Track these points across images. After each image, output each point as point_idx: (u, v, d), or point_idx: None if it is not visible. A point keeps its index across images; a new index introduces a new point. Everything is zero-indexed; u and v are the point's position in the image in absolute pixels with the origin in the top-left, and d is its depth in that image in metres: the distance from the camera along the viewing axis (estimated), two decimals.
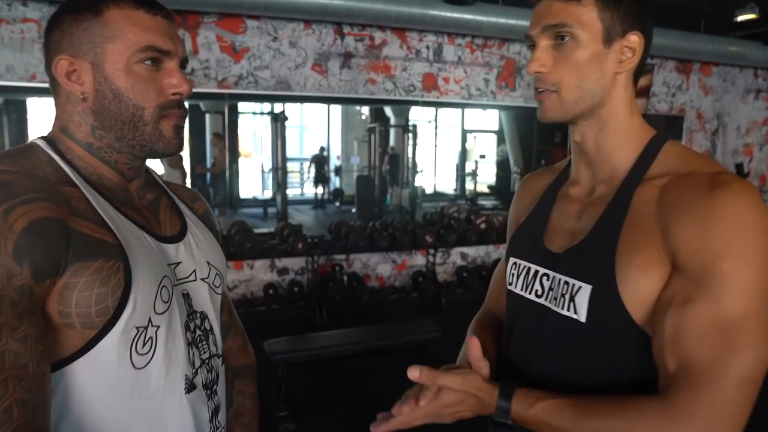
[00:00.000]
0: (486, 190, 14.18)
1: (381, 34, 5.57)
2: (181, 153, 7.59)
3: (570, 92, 0.86)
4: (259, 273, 5.36)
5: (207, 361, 0.91)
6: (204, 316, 0.93)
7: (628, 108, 0.89)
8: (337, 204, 12.69)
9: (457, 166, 14.53)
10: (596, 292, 0.83)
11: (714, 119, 7.60)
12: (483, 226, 6.19)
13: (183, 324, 0.86)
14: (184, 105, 0.87)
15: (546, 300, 0.92)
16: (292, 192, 12.56)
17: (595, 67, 0.85)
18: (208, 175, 10.33)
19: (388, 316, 5.12)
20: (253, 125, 14.36)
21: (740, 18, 5.96)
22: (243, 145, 13.61)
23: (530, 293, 0.95)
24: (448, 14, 5.37)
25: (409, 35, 5.69)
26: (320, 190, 12.72)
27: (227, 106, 7.20)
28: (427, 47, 5.79)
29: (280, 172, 9.20)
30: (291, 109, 11.76)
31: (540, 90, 0.88)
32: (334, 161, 13.70)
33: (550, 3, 0.86)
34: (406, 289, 5.89)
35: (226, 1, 4.60)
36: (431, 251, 5.99)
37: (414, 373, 0.80)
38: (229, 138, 8.81)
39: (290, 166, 11.79)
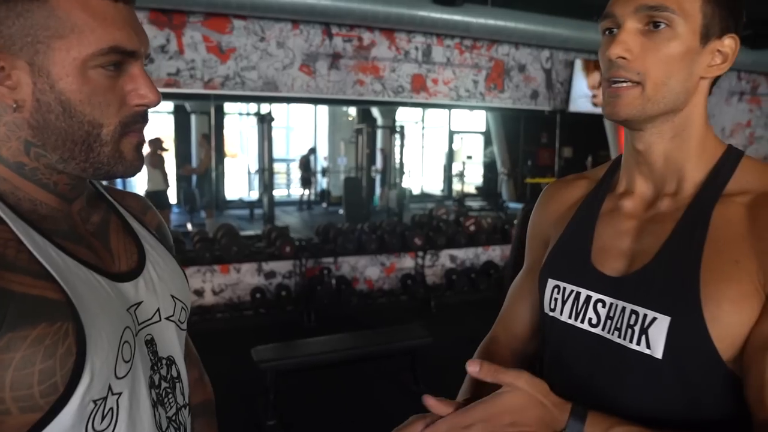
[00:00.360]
0: (473, 191, 14.20)
1: (369, 35, 5.52)
2: (163, 153, 7.45)
3: (655, 88, 0.74)
4: (245, 277, 5.28)
5: (174, 417, 0.76)
6: (171, 362, 0.77)
7: (704, 118, 0.80)
8: (324, 205, 12.62)
9: (444, 167, 14.55)
10: (677, 326, 0.71)
11: None
12: (472, 228, 6.17)
13: (147, 381, 0.70)
14: (147, 116, 0.69)
15: (605, 331, 0.79)
16: (278, 193, 12.46)
17: (686, 65, 0.74)
18: (194, 177, 10.23)
19: (377, 319, 5.07)
20: (239, 125, 14.26)
21: None
22: (229, 146, 13.51)
23: (582, 322, 0.82)
24: (437, 15, 5.34)
25: (398, 36, 5.64)
26: (306, 191, 12.66)
27: (213, 106, 7.11)
28: (416, 48, 5.75)
29: (266, 174, 9.12)
30: (277, 110, 11.69)
31: (617, 81, 0.75)
32: (321, 162, 13.63)
33: None
34: (395, 292, 5.84)
35: (212, 0, 4.53)
36: (420, 254, 5.95)
37: (474, 367, 0.67)
38: (215, 138, 8.72)
39: (276, 167, 11.71)
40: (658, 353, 0.72)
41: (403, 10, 5.19)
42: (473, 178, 14.56)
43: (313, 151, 12.94)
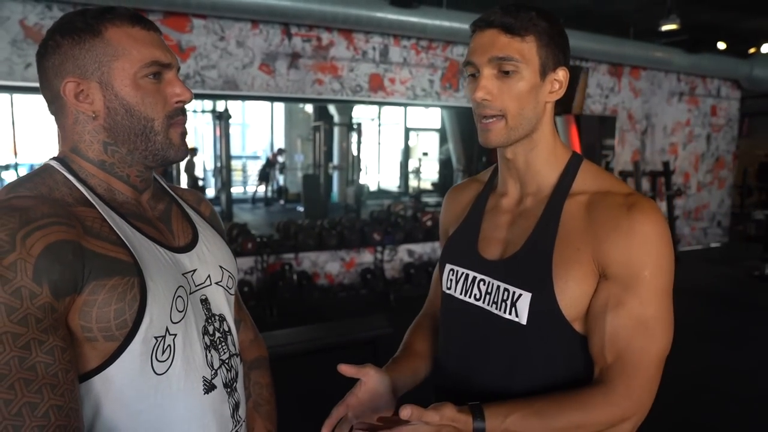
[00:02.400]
0: (429, 187, 14.43)
1: (328, 35, 5.63)
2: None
3: (513, 119, 0.94)
4: None
5: (226, 361, 0.95)
6: (222, 318, 0.97)
7: (553, 131, 1.01)
8: (282, 202, 12.64)
9: (400, 163, 14.74)
10: (535, 299, 0.93)
11: (643, 120, 8.06)
12: (429, 223, 6.36)
13: (200, 329, 0.90)
14: (185, 111, 0.92)
15: (485, 303, 1.01)
16: (234, 190, 12.41)
17: (533, 97, 0.94)
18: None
19: (338, 313, 5.20)
20: (193, 123, 14.08)
21: (664, 27, 6.37)
22: None
23: (470, 297, 1.03)
24: (394, 17, 5.50)
25: (356, 36, 5.77)
26: (262, 188, 12.67)
27: None
28: (374, 48, 5.89)
29: (224, 171, 9.10)
30: (233, 107, 11.62)
31: (486, 117, 0.95)
32: (278, 158, 13.62)
33: (496, 35, 0.92)
34: (355, 287, 5.98)
35: None
36: (379, 249, 6.11)
37: (406, 412, 0.80)
38: None
39: (233, 164, 11.66)
40: (524, 320, 0.94)
41: (361, 11, 5.32)
42: (429, 175, 14.80)
43: (282, 151, 12.93)
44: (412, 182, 14.07)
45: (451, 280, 1.08)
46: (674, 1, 6.27)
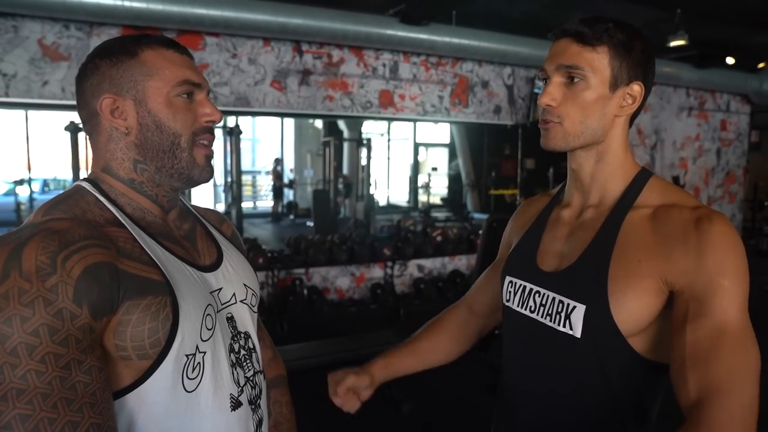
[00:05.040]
0: (439, 202, 14.45)
1: (338, 52, 5.70)
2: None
3: (573, 126, 0.93)
4: None
5: (251, 378, 0.97)
6: (247, 336, 0.99)
7: (623, 146, 0.98)
8: (292, 217, 12.69)
9: (409, 178, 14.78)
10: (590, 312, 0.90)
11: (653, 134, 8.06)
12: (439, 238, 6.37)
13: (227, 347, 0.92)
14: (213, 130, 0.95)
15: (539, 315, 0.99)
16: (245, 205, 12.48)
17: (599, 108, 0.93)
18: None
19: (348, 328, 5.20)
20: None
21: (672, 43, 6.40)
22: None
23: (525, 309, 1.02)
24: (403, 34, 5.57)
25: (366, 53, 5.84)
26: (277, 203, 12.74)
27: None
28: (384, 65, 5.96)
29: (235, 186, 9.17)
30: (243, 122, 11.74)
31: (546, 120, 0.95)
32: (288, 174, 13.70)
33: (568, 44, 0.92)
34: (365, 302, 5.99)
35: (186, 18, 4.64)
36: (389, 264, 6.12)
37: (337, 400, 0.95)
38: None
39: (243, 179, 11.74)
40: (578, 333, 0.92)
41: (371, 28, 5.40)
42: (439, 190, 14.83)
43: (279, 161, 13.03)
44: (422, 197, 14.09)
45: (510, 292, 1.07)
46: (682, 17, 6.30)
